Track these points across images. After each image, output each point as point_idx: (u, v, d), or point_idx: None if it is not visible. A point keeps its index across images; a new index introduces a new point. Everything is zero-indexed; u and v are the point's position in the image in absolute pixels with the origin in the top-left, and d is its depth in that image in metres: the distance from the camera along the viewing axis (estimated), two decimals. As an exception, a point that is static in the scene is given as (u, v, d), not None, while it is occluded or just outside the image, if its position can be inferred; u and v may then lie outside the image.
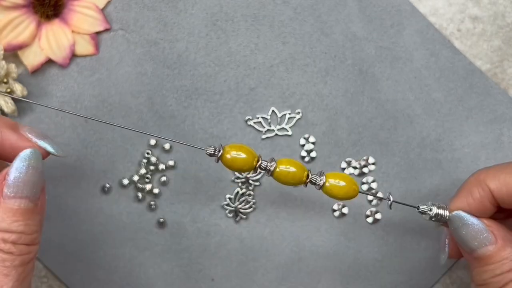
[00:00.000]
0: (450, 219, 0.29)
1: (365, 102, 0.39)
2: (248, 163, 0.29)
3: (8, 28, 0.36)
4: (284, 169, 0.29)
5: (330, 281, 0.38)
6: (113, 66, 0.38)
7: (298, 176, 0.29)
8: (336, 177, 0.29)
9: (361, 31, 0.39)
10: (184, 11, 0.38)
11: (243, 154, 0.29)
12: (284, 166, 0.29)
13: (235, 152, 0.29)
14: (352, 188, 0.29)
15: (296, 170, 0.29)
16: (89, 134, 0.38)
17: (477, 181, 0.29)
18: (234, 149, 0.29)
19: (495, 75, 0.39)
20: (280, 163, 0.29)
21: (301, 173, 0.29)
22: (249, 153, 0.29)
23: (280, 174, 0.29)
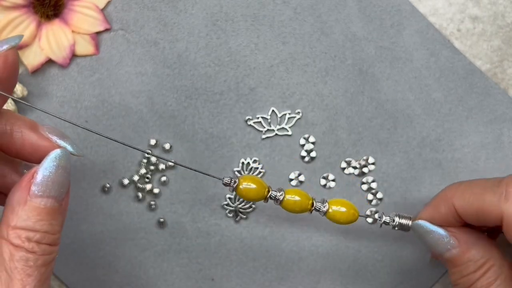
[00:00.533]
0: (412, 227, 0.32)
1: (365, 102, 0.39)
2: (259, 193, 0.31)
3: (8, 28, 0.36)
4: (290, 199, 0.31)
5: (330, 281, 0.38)
6: (113, 66, 0.38)
7: (303, 204, 0.32)
8: (338, 204, 0.32)
9: (361, 31, 0.39)
10: (184, 11, 0.38)
11: (253, 184, 0.31)
12: (290, 196, 0.31)
13: (246, 183, 0.31)
14: (351, 212, 0.32)
15: (301, 199, 0.31)
16: (89, 134, 0.38)
17: (445, 197, 0.31)
18: (247, 180, 0.31)
19: (495, 75, 0.39)
20: (287, 193, 0.32)
21: (306, 202, 0.32)
22: (259, 184, 0.31)
23: (287, 203, 0.31)
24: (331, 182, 0.38)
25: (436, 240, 0.31)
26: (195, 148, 0.38)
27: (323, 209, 0.31)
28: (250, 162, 0.38)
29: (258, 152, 0.38)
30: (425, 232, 0.31)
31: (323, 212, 0.31)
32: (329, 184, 0.38)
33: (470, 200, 0.30)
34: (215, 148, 0.38)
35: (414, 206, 0.38)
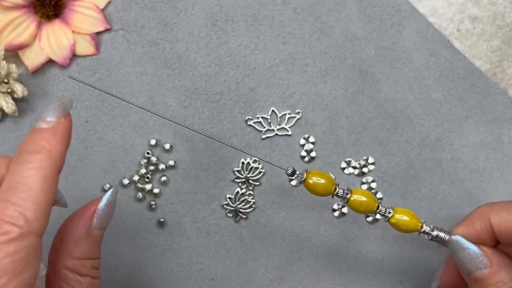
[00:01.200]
0: (448, 242, 0.31)
1: (365, 102, 0.39)
2: (327, 189, 0.32)
3: (9, 28, 0.36)
4: (357, 199, 0.32)
5: (329, 281, 0.38)
6: (114, 66, 0.38)
7: (369, 206, 0.32)
8: (402, 213, 0.32)
9: (361, 31, 0.39)
10: (184, 11, 0.39)
11: (322, 179, 0.31)
12: (357, 196, 0.32)
13: (316, 178, 0.31)
14: (414, 222, 0.32)
15: (367, 199, 0.32)
16: (89, 134, 0.38)
17: (481, 214, 0.31)
18: (316, 175, 0.31)
19: (495, 75, 0.39)
20: (354, 193, 0.32)
21: (372, 203, 0.32)
22: (328, 180, 0.32)
23: (353, 203, 0.32)
24: (331, 182, 0.38)
25: (470, 258, 0.30)
26: (195, 148, 0.38)
27: (387, 215, 0.32)
28: (250, 162, 0.38)
29: (258, 152, 0.38)
30: (460, 248, 0.31)
31: (387, 217, 0.32)
32: (329, 184, 0.38)
33: (507, 217, 0.30)
34: (215, 148, 0.38)
35: (413, 206, 0.38)
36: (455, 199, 0.38)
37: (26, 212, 0.22)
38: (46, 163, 0.24)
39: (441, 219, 0.38)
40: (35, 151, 0.24)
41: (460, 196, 0.38)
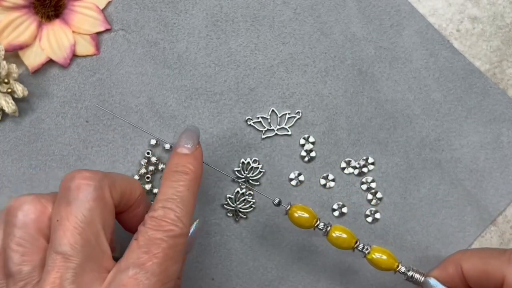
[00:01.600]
0: (423, 283, 0.34)
1: (364, 102, 0.39)
2: (309, 222, 0.34)
3: (9, 29, 0.36)
4: (338, 235, 0.33)
5: (329, 281, 0.38)
6: (114, 66, 0.38)
7: (348, 243, 0.33)
8: (380, 252, 0.33)
9: (360, 31, 0.39)
10: (184, 12, 0.39)
11: (306, 214, 0.34)
12: (338, 232, 0.33)
13: (301, 212, 0.34)
14: (391, 262, 0.34)
15: (347, 237, 0.33)
16: (89, 134, 0.38)
17: (454, 259, 0.33)
18: (300, 209, 0.34)
19: (494, 75, 0.39)
20: (335, 228, 0.34)
21: (351, 240, 0.33)
22: (311, 214, 0.34)
23: (332, 237, 0.34)
24: (330, 182, 0.38)
25: None
26: (195, 148, 0.38)
27: (365, 251, 0.33)
28: (250, 162, 0.38)
29: (258, 152, 0.38)
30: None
31: (364, 253, 0.33)
32: (329, 184, 0.38)
33: (476, 263, 0.32)
34: (215, 148, 0.38)
35: (413, 205, 0.38)
36: (454, 199, 0.38)
37: (183, 218, 0.28)
38: (192, 182, 0.30)
39: (441, 219, 0.38)
40: (184, 172, 0.30)
41: (460, 196, 0.38)
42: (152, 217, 0.28)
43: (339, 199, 0.38)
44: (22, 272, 0.26)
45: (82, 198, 0.27)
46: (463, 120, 0.39)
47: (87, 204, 0.27)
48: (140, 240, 0.27)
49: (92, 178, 0.28)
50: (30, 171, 0.37)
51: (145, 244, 0.27)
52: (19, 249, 0.27)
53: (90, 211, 0.27)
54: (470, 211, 0.38)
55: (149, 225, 0.28)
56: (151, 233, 0.27)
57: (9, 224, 0.27)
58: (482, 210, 0.38)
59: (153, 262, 0.26)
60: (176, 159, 0.31)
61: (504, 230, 0.39)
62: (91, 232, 0.27)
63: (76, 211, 0.27)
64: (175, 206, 0.28)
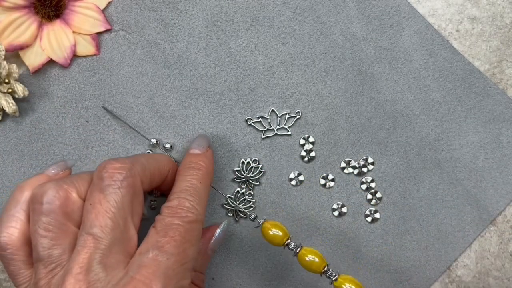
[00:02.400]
0: None
1: (364, 102, 0.39)
2: (281, 240, 0.34)
3: (10, 29, 0.36)
4: (309, 259, 0.34)
5: (329, 280, 0.38)
6: (114, 67, 0.38)
7: (315, 265, 0.33)
8: (348, 281, 0.33)
9: (360, 31, 0.39)
10: (184, 12, 0.39)
11: (280, 232, 0.34)
12: (309, 255, 0.34)
13: (275, 230, 0.34)
14: None
15: (318, 260, 0.33)
16: (90, 134, 0.38)
17: None
18: (274, 226, 0.34)
19: (494, 76, 0.39)
20: (304, 250, 0.34)
21: (320, 264, 0.33)
22: (284, 232, 0.34)
23: (301, 258, 0.34)
24: (330, 181, 0.38)
25: None
26: (195, 148, 0.38)
27: (332, 278, 0.33)
28: (250, 162, 0.38)
29: (258, 152, 0.38)
30: None
31: (331, 280, 0.33)
32: (328, 183, 0.38)
33: None
34: (215, 148, 0.38)
35: (413, 205, 0.38)
36: (454, 199, 0.38)
37: (197, 206, 0.30)
38: (205, 176, 0.33)
39: (440, 218, 0.38)
40: (197, 168, 0.33)
41: (459, 195, 0.38)
42: (168, 207, 0.30)
43: (339, 199, 0.38)
44: (53, 256, 0.28)
45: (114, 186, 0.29)
46: (462, 120, 0.39)
47: (119, 191, 0.29)
48: (157, 226, 0.29)
49: (123, 167, 0.29)
50: (31, 171, 0.38)
51: (163, 229, 0.29)
52: (48, 234, 0.28)
53: (121, 197, 0.29)
54: (470, 211, 0.38)
55: (166, 213, 0.30)
56: (168, 219, 0.29)
57: (36, 212, 0.29)
58: (482, 209, 0.38)
59: (171, 245, 0.28)
60: (189, 158, 0.34)
61: (504, 230, 0.39)
62: (120, 217, 0.28)
63: (109, 197, 0.28)
64: (189, 195, 0.31)
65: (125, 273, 0.27)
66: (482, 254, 0.39)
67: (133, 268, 0.27)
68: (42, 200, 0.29)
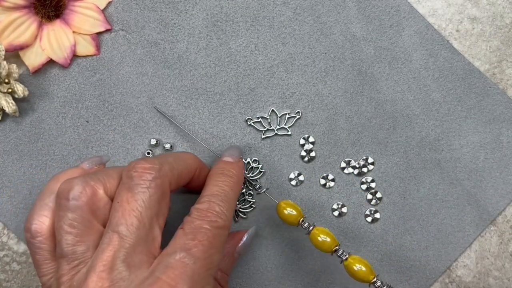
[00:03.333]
0: None
1: (364, 102, 0.39)
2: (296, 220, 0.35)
3: (10, 29, 0.36)
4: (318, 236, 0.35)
5: (329, 281, 0.38)
6: (114, 67, 0.38)
7: (327, 246, 0.34)
8: (359, 262, 0.34)
9: (360, 31, 0.39)
10: (184, 12, 0.39)
11: (294, 211, 0.35)
12: (320, 234, 0.35)
13: (290, 209, 0.35)
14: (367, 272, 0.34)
15: (330, 240, 0.34)
16: (90, 134, 0.38)
17: None
18: (289, 206, 0.35)
19: (494, 76, 0.39)
20: (317, 229, 0.35)
21: (332, 244, 0.34)
22: (298, 211, 0.36)
23: (313, 237, 0.35)
24: (330, 181, 0.38)
25: None
26: (196, 148, 0.38)
27: (342, 257, 0.34)
28: (250, 162, 0.38)
29: (258, 152, 0.38)
30: None
31: (341, 259, 0.34)
32: (328, 183, 0.38)
33: None
34: (215, 148, 0.38)
35: (413, 205, 0.38)
36: (454, 199, 0.38)
37: (226, 212, 0.30)
38: (235, 184, 0.33)
39: (440, 218, 0.38)
40: (229, 175, 0.33)
41: (459, 195, 0.38)
42: (198, 209, 0.30)
43: (339, 199, 0.38)
44: (76, 252, 0.28)
45: (143, 185, 0.29)
46: (462, 120, 0.39)
47: (147, 191, 0.29)
48: (186, 228, 0.29)
49: (152, 168, 0.29)
50: (31, 171, 0.38)
51: (191, 232, 0.29)
52: (72, 230, 0.28)
53: (149, 197, 0.29)
54: (470, 211, 0.38)
55: (195, 215, 0.30)
56: (197, 222, 0.29)
57: (62, 208, 0.29)
58: (482, 209, 0.38)
59: (198, 248, 0.28)
60: (222, 165, 0.34)
61: (504, 230, 0.39)
62: (146, 217, 0.28)
63: (137, 196, 0.28)
64: (220, 201, 0.31)
65: (150, 273, 0.27)
66: (482, 254, 0.39)
67: (160, 268, 0.27)
68: (69, 196, 0.28)
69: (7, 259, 0.37)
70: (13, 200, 0.37)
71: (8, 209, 0.37)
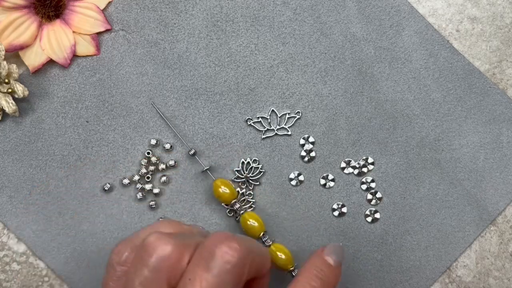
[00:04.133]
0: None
1: (364, 102, 0.39)
2: (228, 199, 0.37)
3: (10, 29, 0.36)
4: (249, 223, 0.36)
5: (329, 280, 0.38)
6: (114, 67, 0.38)
7: (257, 230, 0.36)
8: (279, 250, 0.36)
9: (360, 31, 0.39)
10: (184, 12, 0.39)
11: (228, 190, 0.37)
12: (251, 220, 0.36)
13: (224, 187, 0.37)
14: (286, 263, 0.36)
15: (257, 225, 0.36)
16: (90, 134, 0.38)
17: None
18: (223, 184, 0.37)
19: (494, 76, 0.39)
20: (248, 215, 0.37)
21: (259, 230, 0.36)
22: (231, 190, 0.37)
23: (242, 221, 0.37)
24: (330, 181, 0.38)
25: None
26: (195, 148, 0.38)
27: (266, 243, 0.36)
28: (250, 162, 0.38)
29: (258, 152, 0.38)
30: None
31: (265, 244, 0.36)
32: (328, 183, 0.38)
33: None
34: (215, 148, 0.38)
35: (413, 205, 0.38)
36: (454, 199, 0.38)
37: None
38: None
39: (440, 219, 0.38)
40: (326, 282, 0.31)
41: (459, 196, 0.38)
42: None
43: (339, 199, 0.38)
44: None
45: (222, 269, 0.26)
46: (462, 120, 0.39)
47: (224, 277, 0.26)
48: None
49: (238, 251, 0.27)
50: (31, 171, 0.38)
51: None
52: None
53: (223, 283, 0.26)
54: (470, 211, 0.38)
55: None
56: None
57: (141, 261, 0.27)
58: (482, 210, 0.38)
59: None
60: (321, 265, 0.32)
61: (504, 230, 0.39)
62: None
63: (212, 279, 0.26)
64: None
65: None
66: (482, 254, 0.39)
67: None
68: (153, 254, 0.27)
69: (7, 259, 0.37)
70: (13, 200, 0.37)
71: (8, 209, 0.37)
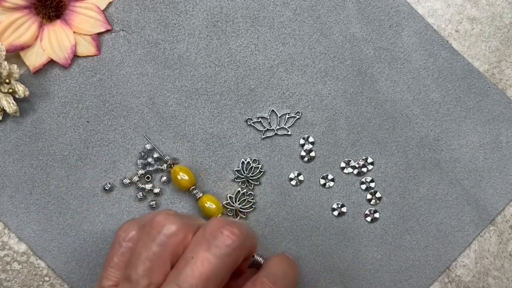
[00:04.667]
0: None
1: (364, 102, 0.39)
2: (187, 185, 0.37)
3: (10, 29, 0.36)
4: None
5: (329, 280, 0.38)
6: (114, 67, 0.38)
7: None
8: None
9: (360, 32, 0.39)
10: (184, 12, 0.39)
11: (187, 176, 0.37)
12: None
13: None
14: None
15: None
16: (90, 134, 0.38)
17: None
18: (182, 171, 0.37)
19: (493, 76, 0.39)
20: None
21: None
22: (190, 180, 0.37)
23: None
24: (330, 181, 0.38)
25: None
26: (196, 148, 0.38)
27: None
28: (250, 162, 0.38)
29: (258, 152, 0.38)
30: None
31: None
32: (328, 183, 0.38)
33: None
34: (215, 148, 0.38)
35: (412, 205, 0.38)
36: (453, 199, 0.38)
37: None
38: None
39: (440, 218, 0.38)
40: None
41: (459, 195, 0.39)
42: None
43: (339, 199, 0.39)
44: (139, 284, 0.28)
45: (223, 252, 0.28)
46: (462, 120, 0.39)
47: (223, 259, 0.28)
48: None
49: (238, 236, 0.29)
50: (31, 171, 0.38)
51: None
52: (146, 263, 0.28)
53: (223, 264, 0.28)
54: (469, 211, 0.39)
55: None
56: None
57: (149, 236, 0.29)
58: (481, 209, 0.39)
59: None
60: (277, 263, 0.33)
61: (503, 230, 0.39)
62: (213, 283, 0.28)
63: (213, 259, 0.28)
64: None
65: None
66: (482, 254, 0.39)
67: None
68: (162, 229, 0.29)
69: (7, 258, 0.38)
70: (14, 200, 0.37)
71: (8, 209, 0.37)
